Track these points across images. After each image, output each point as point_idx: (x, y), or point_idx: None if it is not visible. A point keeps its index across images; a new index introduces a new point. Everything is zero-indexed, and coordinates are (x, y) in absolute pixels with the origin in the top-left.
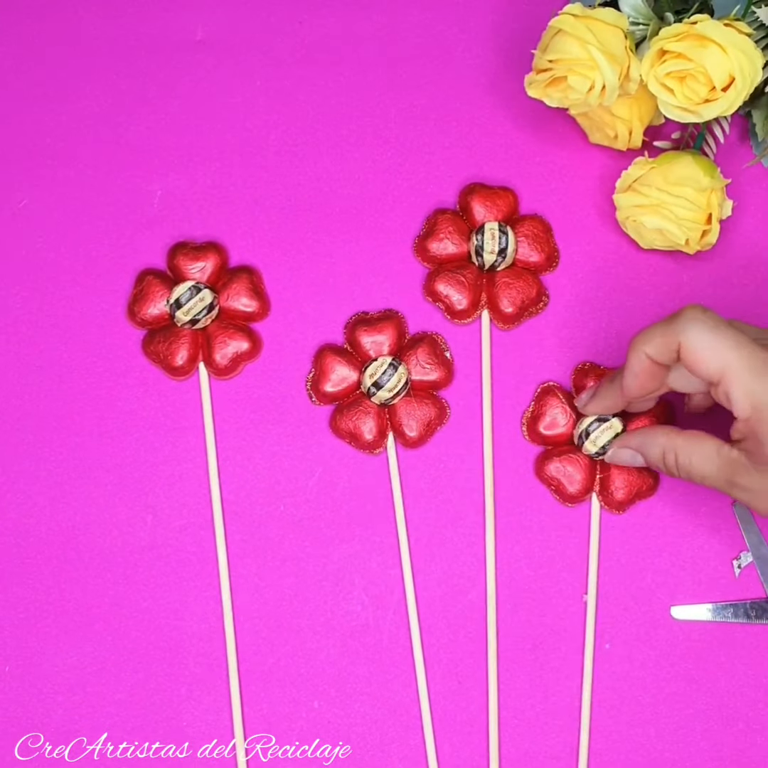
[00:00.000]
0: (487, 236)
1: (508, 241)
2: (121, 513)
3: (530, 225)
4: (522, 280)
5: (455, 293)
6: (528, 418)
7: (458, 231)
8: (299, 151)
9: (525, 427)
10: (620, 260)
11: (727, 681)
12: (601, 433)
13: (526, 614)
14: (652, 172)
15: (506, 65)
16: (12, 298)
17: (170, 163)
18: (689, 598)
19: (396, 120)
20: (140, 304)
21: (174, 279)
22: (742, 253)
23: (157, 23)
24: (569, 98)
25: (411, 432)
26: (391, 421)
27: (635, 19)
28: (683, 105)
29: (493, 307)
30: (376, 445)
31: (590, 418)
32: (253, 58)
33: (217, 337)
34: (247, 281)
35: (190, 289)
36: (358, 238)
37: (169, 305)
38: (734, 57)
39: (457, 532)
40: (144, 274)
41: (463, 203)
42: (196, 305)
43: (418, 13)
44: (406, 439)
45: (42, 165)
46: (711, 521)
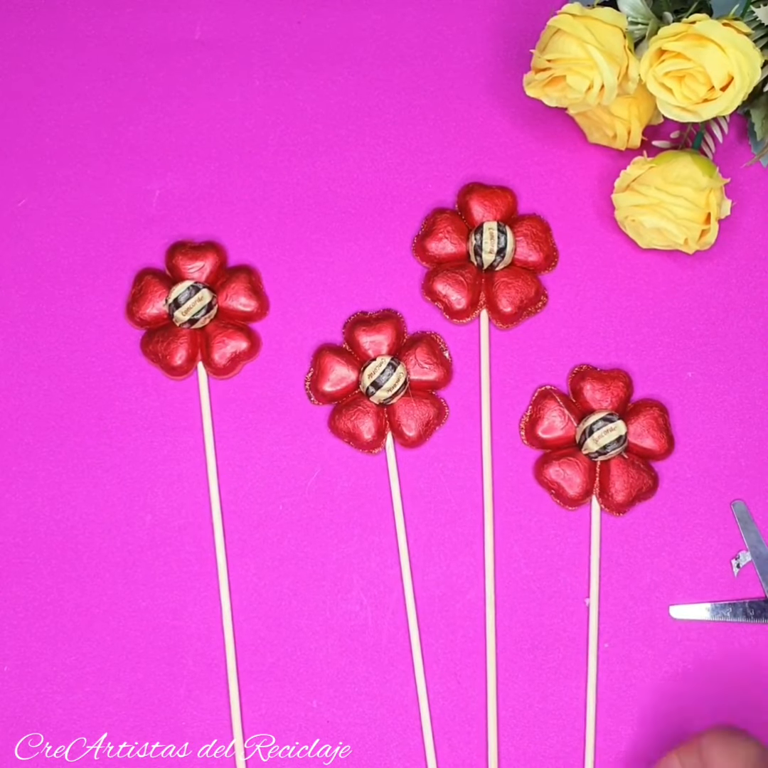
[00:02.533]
0: (486, 236)
1: (507, 241)
2: (120, 513)
3: (529, 225)
4: (521, 280)
5: (454, 293)
6: (526, 422)
7: (457, 231)
8: (298, 151)
9: (523, 432)
10: (619, 260)
11: (727, 681)
12: (604, 433)
13: (524, 614)
14: (651, 172)
15: (505, 65)
16: (11, 297)
17: (169, 163)
18: (688, 597)
19: (395, 120)
20: (139, 304)
21: (173, 279)
22: (741, 253)
23: (155, 23)
24: (568, 98)
25: (410, 432)
26: (390, 421)
27: (634, 19)
28: (682, 104)
29: (491, 307)
30: (374, 445)
31: (596, 416)
32: (252, 58)
33: (216, 336)
34: (246, 281)
35: (188, 288)
36: (357, 238)
37: (168, 305)
38: (733, 56)
39: (455, 532)
40: (143, 273)
41: (461, 203)
42: (195, 305)
43: (417, 12)
44: (404, 439)
45: (41, 165)
46: (710, 521)
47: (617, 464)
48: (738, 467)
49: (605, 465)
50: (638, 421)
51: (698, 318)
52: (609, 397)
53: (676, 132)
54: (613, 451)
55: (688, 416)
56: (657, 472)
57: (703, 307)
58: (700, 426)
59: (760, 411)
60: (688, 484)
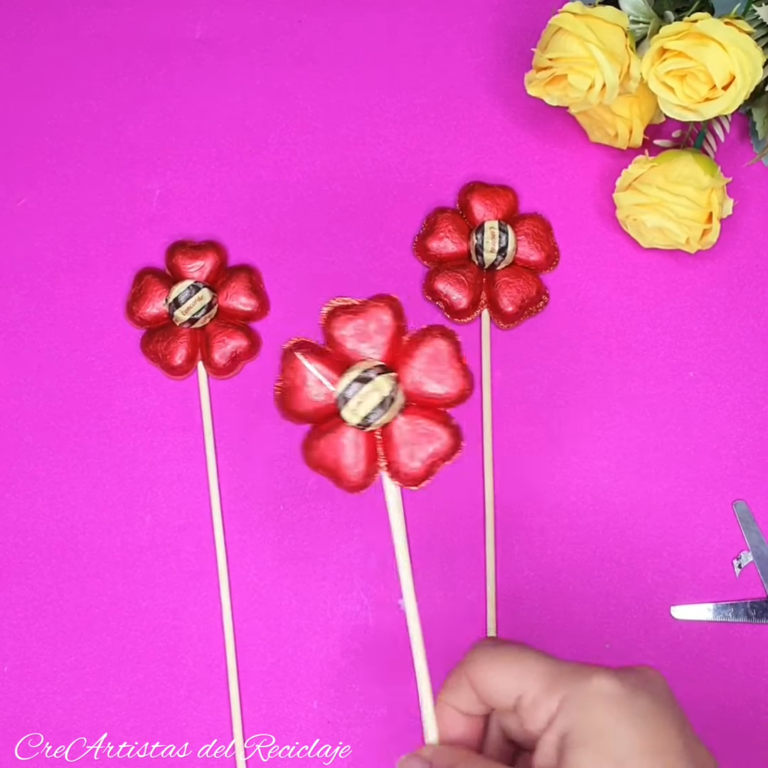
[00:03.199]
0: (487, 235)
1: (508, 240)
2: (120, 513)
3: (530, 224)
4: (522, 279)
5: (455, 292)
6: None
7: (458, 230)
8: (298, 150)
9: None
10: (620, 259)
11: (727, 681)
12: (363, 398)
13: (526, 614)
14: (653, 171)
15: (506, 63)
16: (11, 297)
17: (169, 162)
18: (689, 597)
19: (396, 119)
20: (139, 303)
21: (173, 278)
22: (743, 252)
23: (156, 22)
24: (569, 97)
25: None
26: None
27: (635, 18)
28: (684, 103)
29: (493, 306)
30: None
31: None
32: (253, 57)
33: (216, 336)
34: (246, 280)
35: (188, 288)
36: (358, 238)
37: (168, 304)
38: (735, 55)
39: (456, 534)
40: (143, 273)
41: (462, 202)
42: (195, 304)
43: (418, 11)
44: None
45: (41, 164)
46: (711, 521)
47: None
48: (739, 467)
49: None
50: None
51: (699, 317)
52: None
53: (678, 131)
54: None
55: (690, 416)
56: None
57: (704, 306)
58: (701, 426)
59: (762, 411)
60: (689, 484)
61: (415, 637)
